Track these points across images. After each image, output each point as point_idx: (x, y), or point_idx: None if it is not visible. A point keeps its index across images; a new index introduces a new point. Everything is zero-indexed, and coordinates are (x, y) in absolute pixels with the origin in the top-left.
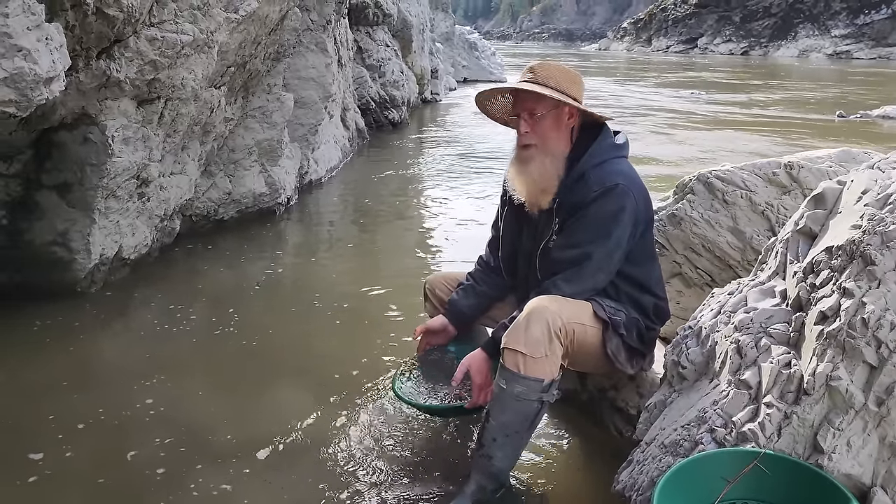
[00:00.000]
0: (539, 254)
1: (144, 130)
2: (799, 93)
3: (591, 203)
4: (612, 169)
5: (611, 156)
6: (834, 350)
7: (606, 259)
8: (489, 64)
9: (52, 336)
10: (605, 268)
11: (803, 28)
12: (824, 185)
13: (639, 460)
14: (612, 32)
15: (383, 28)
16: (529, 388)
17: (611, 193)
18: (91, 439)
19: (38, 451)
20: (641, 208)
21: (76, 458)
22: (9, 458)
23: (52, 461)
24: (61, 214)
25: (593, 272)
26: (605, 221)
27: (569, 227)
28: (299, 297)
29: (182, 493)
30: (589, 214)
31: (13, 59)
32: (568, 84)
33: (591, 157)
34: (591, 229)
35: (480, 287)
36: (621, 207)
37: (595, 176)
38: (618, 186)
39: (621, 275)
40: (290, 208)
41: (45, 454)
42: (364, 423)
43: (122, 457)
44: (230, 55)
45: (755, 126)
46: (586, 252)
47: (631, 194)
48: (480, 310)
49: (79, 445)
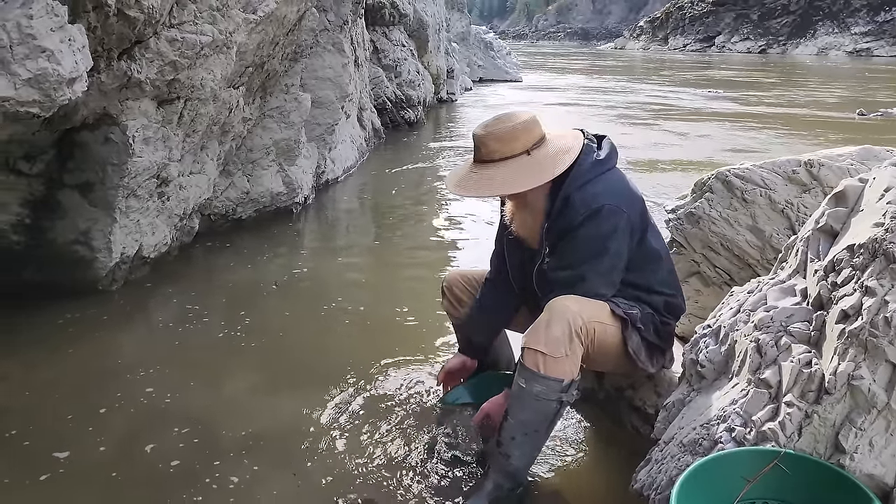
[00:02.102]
0: (535, 276)
1: (164, 130)
2: (818, 91)
3: (578, 227)
4: (595, 190)
5: (593, 175)
6: (856, 349)
7: (604, 276)
8: (505, 63)
9: (74, 333)
10: (605, 283)
11: (822, 25)
12: (846, 183)
13: (657, 459)
14: (627, 31)
15: (399, 28)
16: (549, 388)
17: (598, 216)
18: (109, 434)
19: (61, 447)
20: (636, 219)
21: (96, 453)
22: (31, 453)
23: (75, 456)
24: (83, 213)
25: (595, 290)
26: (596, 242)
27: (560, 250)
28: (315, 296)
29: (200, 485)
30: (578, 237)
31: (37, 60)
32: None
33: (572, 181)
34: (581, 250)
35: (491, 315)
36: (613, 227)
37: (579, 199)
38: (603, 208)
39: (624, 282)
40: (308, 207)
41: (68, 450)
42: (379, 421)
43: (139, 450)
44: (248, 56)
45: (773, 124)
46: (579, 273)
47: (620, 211)
48: (496, 333)
49: (98, 440)
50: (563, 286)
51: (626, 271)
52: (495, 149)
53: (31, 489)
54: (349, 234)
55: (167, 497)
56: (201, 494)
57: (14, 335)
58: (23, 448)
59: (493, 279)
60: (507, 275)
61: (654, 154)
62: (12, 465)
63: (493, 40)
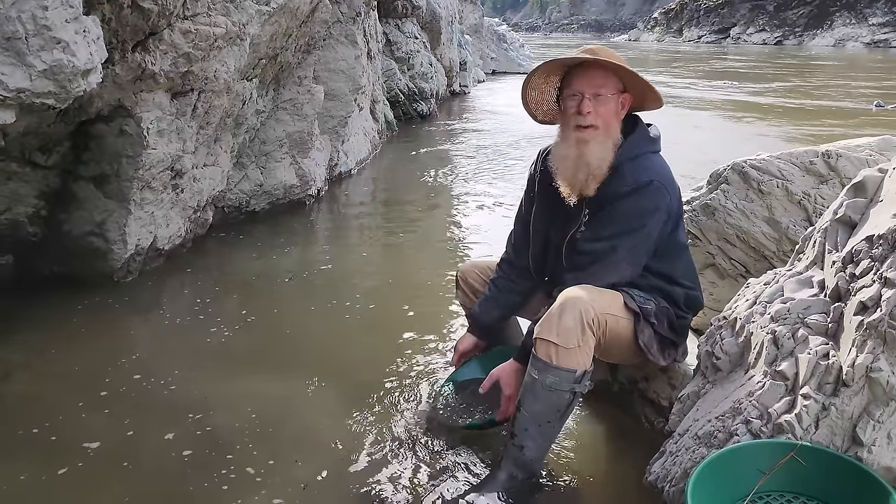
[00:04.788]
0: (566, 244)
1: (178, 122)
2: (834, 82)
3: (623, 197)
4: (646, 164)
5: (646, 150)
6: (874, 341)
7: (632, 253)
8: (518, 56)
9: (89, 324)
10: (631, 261)
11: (839, 16)
12: (865, 174)
13: (672, 451)
14: (642, 23)
15: (412, 20)
16: (561, 379)
17: (644, 190)
18: (121, 424)
19: (87, 438)
20: (675, 205)
21: (113, 443)
22: (49, 442)
23: (102, 445)
24: (98, 205)
25: (617, 266)
26: (635, 217)
27: (597, 220)
28: (328, 288)
29: (215, 476)
30: (620, 208)
31: (52, 52)
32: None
33: (626, 150)
34: (619, 223)
35: (503, 295)
36: (656, 206)
37: (630, 170)
38: (652, 183)
39: (648, 269)
40: (321, 200)
41: (98, 440)
42: (391, 413)
43: (155, 440)
44: (262, 47)
45: (790, 115)
46: (613, 245)
47: (666, 191)
48: (506, 317)
49: (113, 431)
50: (593, 257)
51: (653, 258)
52: (617, 58)
53: (52, 481)
54: (362, 226)
55: (187, 486)
56: (217, 484)
57: (31, 325)
58: (48, 440)
59: (509, 259)
60: (526, 258)
61: (668, 145)
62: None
63: (506, 32)
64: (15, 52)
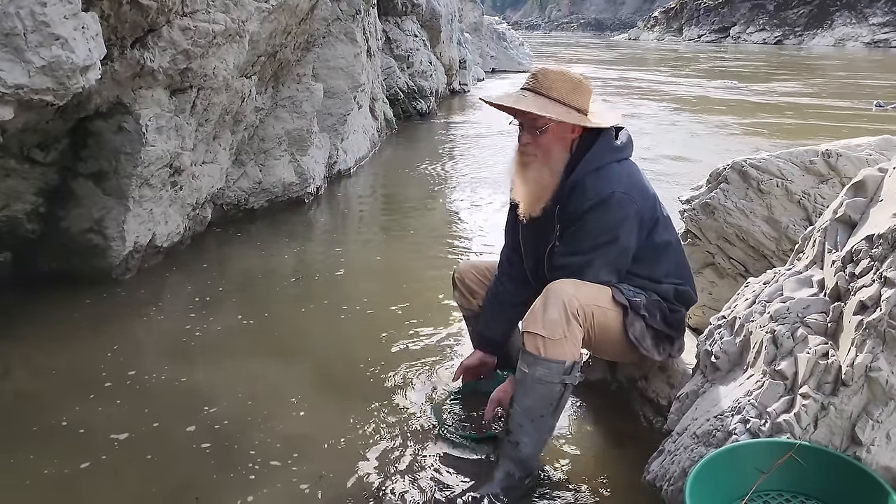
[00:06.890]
0: (546, 257)
1: (177, 119)
2: (834, 82)
3: (588, 212)
4: (608, 175)
5: (609, 160)
6: (874, 340)
7: (610, 264)
8: (517, 54)
9: (88, 321)
10: (609, 271)
11: (840, 16)
12: (865, 173)
13: (670, 450)
14: (641, 22)
15: (412, 18)
16: (551, 371)
17: (607, 204)
18: (119, 420)
19: (101, 432)
20: (646, 209)
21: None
22: (57, 442)
23: (128, 438)
24: (97, 202)
25: (597, 277)
26: (604, 231)
27: (569, 235)
28: (327, 286)
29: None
30: (588, 223)
31: (51, 48)
32: (572, 94)
33: (587, 163)
34: (590, 238)
35: (505, 309)
36: (623, 217)
37: (591, 183)
38: (613, 195)
39: (630, 273)
40: (320, 198)
41: (126, 432)
42: (392, 414)
43: (153, 438)
44: (261, 45)
45: (789, 114)
46: (588, 260)
47: (630, 200)
48: (509, 329)
49: (111, 430)
50: (569, 272)
51: (633, 262)
52: (557, 85)
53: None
54: (361, 224)
55: (200, 476)
56: (218, 479)
57: (30, 322)
58: (44, 436)
59: (506, 271)
60: (521, 264)
61: (667, 144)
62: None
63: (506, 31)
64: (13, 48)
